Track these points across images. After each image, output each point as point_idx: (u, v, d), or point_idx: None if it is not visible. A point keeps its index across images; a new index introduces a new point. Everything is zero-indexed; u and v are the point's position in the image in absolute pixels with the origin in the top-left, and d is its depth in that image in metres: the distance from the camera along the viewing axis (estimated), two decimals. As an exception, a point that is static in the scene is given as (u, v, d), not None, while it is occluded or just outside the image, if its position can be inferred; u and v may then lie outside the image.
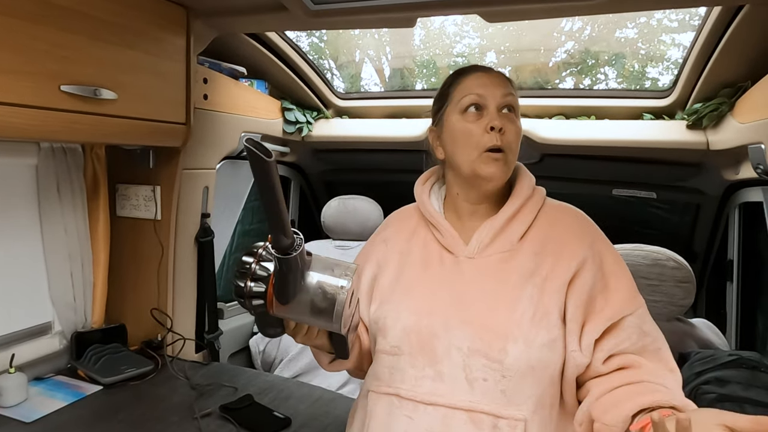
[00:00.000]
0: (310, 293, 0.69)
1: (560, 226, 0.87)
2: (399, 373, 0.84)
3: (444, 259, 0.89)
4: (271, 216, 0.61)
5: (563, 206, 0.92)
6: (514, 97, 0.88)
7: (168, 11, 1.27)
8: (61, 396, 1.27)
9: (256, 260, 0.69)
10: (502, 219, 0.87)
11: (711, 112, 1.57)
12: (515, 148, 0.87)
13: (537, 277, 0.82)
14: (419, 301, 0.86)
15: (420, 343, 0.83)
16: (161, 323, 1.53)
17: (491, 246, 0.86)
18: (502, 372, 0.78)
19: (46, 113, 1.00)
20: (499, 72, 0.90)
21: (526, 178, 0.91)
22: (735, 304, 1.85)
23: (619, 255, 0.87)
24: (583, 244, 0.84)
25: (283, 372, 1.98)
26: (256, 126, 1.84)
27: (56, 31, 1.01)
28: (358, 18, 1.27)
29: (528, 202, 0.88)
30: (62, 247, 1.41)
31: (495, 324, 0.80)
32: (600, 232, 0.89)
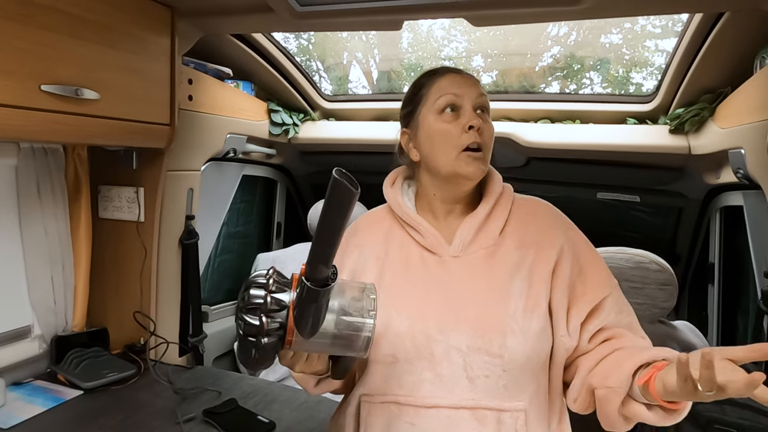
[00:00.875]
0: (334, 323, 0.65)
1: (535, 219, 0.90)
2: (395, 380, 0.83)
3: (426, 260, 0.88)
4: (322, 245, 0.59)
5: (532, 200, 0.94)
6: (485, 98, 0.90)
7: (152, 11, 1.26)
8: (40, 401, 1.24)
9: (267, 292, 0.63)
10: (481, 216, 0.88)
11: (692, 117, 1.59)
12: (491, 147, 0.89)
13: (523, 269, 0.84)
14: (409, 306, 0.84)
15: (416, 348, 0.82)
16: (144, 327, 1.51)
17: (474, 243, 0.87)
18: (503, 366, 0.79)
19: (26, 113, 0.99)
20: (469, 73, 0.92)
21: (495, 176, 0.93)
22: (716, 307, 1.87)
23: (588, 241, 0.90)
24: (559, 233, 0.88)
25: (268, 375, 1.97)
26: (241, 127, 1.83)
27: (37, 29, 0.99)
28: (344, 20, 1.27)
29: (501, 198, 0.90)
30: (42, 249, 1.38)
31: (492, 320, 0.81)
32: (569, 221, 0.92)
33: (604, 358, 0.79)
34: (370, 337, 0.66)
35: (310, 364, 0.74)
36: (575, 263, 0.86)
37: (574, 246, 0.87)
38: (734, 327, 1.83)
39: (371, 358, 0.86)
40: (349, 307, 0.66)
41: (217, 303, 2.18)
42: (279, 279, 0.66)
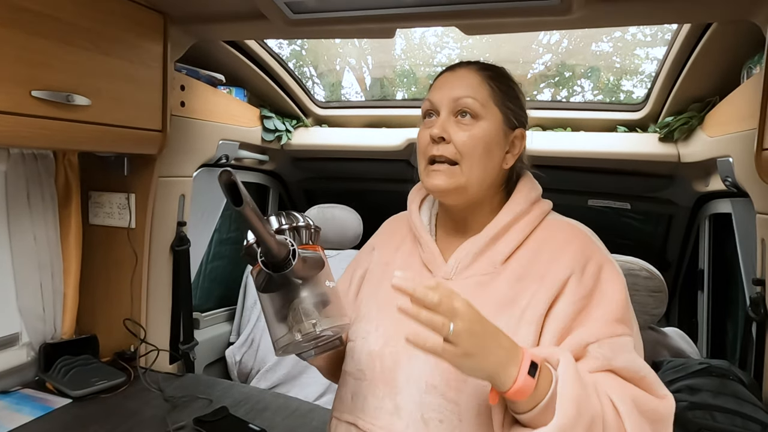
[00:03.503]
0: (285, 305, 0.68)
1: (550, 246, 0.76)
2: (360, 400, 0.79)
3: (422, 277, 0.82)
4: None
5: (561, 224, 0.80)
6: (472, 100, 0.78)
7: (145, 17, 1.26)
8: (27, 410, 1.23)
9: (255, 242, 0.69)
10: (485, 238, 0.78)
11: (681, 126, 1.61)
12: (472, 159, 0.77)
13: (515, 308, 0.73)
14: (389, 324, 0.80)
15: (383, 371, 0.77)
16: (134, 334, 1.49)
17: (471, 267, 0.78)
18: (459, 415, 0.71)
19: (16, 119, 0.98)
20: (468, 68, 0.81)
21: (524, 190, 0.82)
22: (706, 314, 1.89)
23: (618, 281, 0.73)
24: (572, 263, 0.73)
25: (259, 383, 1.95)
26: (234, 134, 1.82)
27: (27, 35, 0.98)
28: (337, 28, 1.27)
29: (521, 218, 0.79)
30: (31, 255, 1.37)
31: None
32: (603, 253, 0.76)
33: None
34: (279, 348, 0.69)
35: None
36: (581, 299, 0.71)
37: (589, 279, 0.72)
38: (724, 333, 1.84)
39: (346, 368, 0.84)
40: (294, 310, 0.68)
41: (209, 310, 2.17)
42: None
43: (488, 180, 0.80)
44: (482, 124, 0.78)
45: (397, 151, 1.98)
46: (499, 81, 0.81)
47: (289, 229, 0.70)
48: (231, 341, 2.16)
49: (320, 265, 0.70)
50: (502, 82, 0.81)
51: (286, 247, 0.64)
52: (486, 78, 0.80)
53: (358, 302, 0.89)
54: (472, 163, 0.77)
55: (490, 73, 0.81)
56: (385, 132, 2.04)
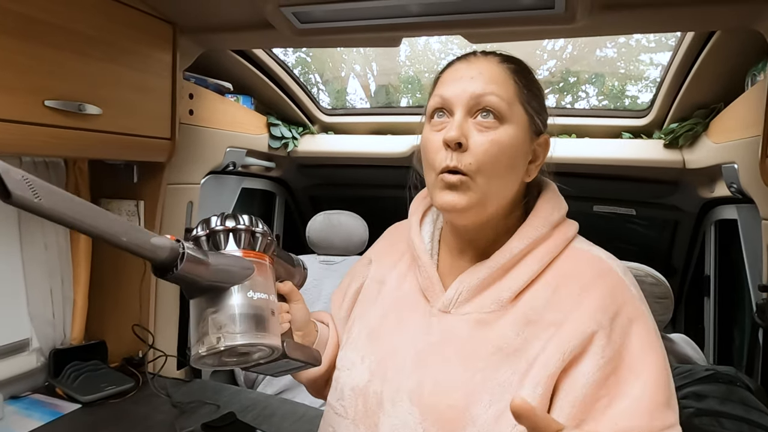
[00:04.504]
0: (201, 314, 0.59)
1: (573, 285, 0.61)
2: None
3: (417, 305, 0.70)
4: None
5: (591, 256, 0.65)
6: (497, 98, 0.62)
7: (155, 27, 1.28)
8: (38, 415, 1.24)
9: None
10: (491, 268, 0.64)
11: (686, 132, 1.62)
12: (491, 170, 0.62)
13: (520, 360, 0.59)
14: (377, 356, 0.69)
15: (365, 412, 0.67)
16: (143, 339, 1.51)
17: (473, 302, 0.65)
18: None
19: (29, 128, 1.00)
20: (489, 59, 0.66)
21: (545, 209, 0.67)
22: (712, 320, 1.88)
23: (655, 341, 0.59)
24: (599, 315, 0.58)
25: (266, 389, 1.96)
26: (241, 141, 1.84)
27: (41, 46, 1.00)
28: (344, 37, 1.29)
29: (538, 245, 0.64)
30: (42, 263, 1.38)
31: (445, 412, 0.60)
32: (637, 302, 0.61)
33: None
34: (191, 356, 0.59)
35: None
36: (609, 368, 0.56)
37: (621, 342, 0.57)
38: (730, 340, 1.84)
39: (329, 398, 0.75)
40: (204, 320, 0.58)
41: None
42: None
43: (509, 196, 0.66)
44: (507, 129, 0.63)
45: (403, 157, 1.99)
46: (524, 76, 0.66)
47: (224, 230, 0.62)
48: (237, 347, 2.17)
49: (247, 272, 0.60)
50: (527, 77, 0.66)
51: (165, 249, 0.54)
52: (511, 72, 0.65)
53: (349, 323, 0.79)
54: (491, 176, 0.62)
55: (515, 66, 0.66)
56: (390, 139, 2.06)
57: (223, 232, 0.62)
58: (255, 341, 0.58)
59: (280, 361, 0.67)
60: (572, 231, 0.68)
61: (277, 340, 0.61)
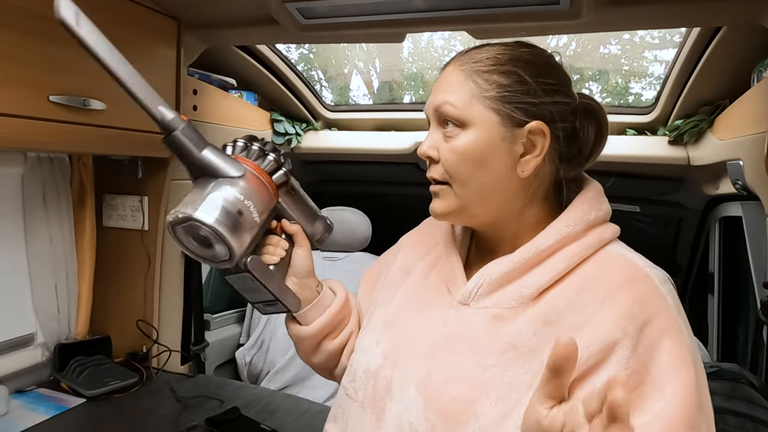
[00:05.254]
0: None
1: (600, 288, 0.58)
2: (349, 421, 0.70)
3: (438, 295, 0.69)
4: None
5: (625, 260, 0.61)
6: (451, 106, 0.62)
7: (159, 23, 1.28)
8: (43, 409, 1.25)
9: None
10: (515, 262, 0.62)
11: (691, 129, 1.61)
12: (464, 177, 0.62)
13: (534, 360, 0.57)
14: (392, 343, 0.69)
15: (374, 395, 0.67)
16: (147, 335, 1.51)
17: (493, 296, 0.63)
18: None
19: (34, 123, 1.00)
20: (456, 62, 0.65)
21: (581, 207, 0.64)
22: (716, 317, 1.88)
23: (687, 357, 0.54)
24: (625, 322, 0.55)
25: (269, 384, 1.97)
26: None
27: (45, 41, 1.01)
28: (348, 33, 1.29)
29: (569, 243, 0.62)
30: (47, 257, 1.39)
31: (449, 404, 0.59)
32: (670, 313, 0.57)
33: None
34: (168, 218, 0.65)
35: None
36: (633, 375, 0.53)
37: (643, 354, 0.54)
38: (734, 337, 1.83)
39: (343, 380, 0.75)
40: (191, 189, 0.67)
41: (219, 311, 2.18)
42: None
43: (498, 196, 0.64)
44: (469, 133, 0.62)
45: (406, 154, 1.99)
46: (493, 72, 0.62)
47: (242, 141, 0.75)
48: (241, 342, 2.18)
49: (227, 169, 0.67)
50: (497, 71, 0.62)
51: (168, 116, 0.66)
52: (471, 73, 0.63)
53: (371, 308, 0.80)
54: (464, 182, 0.63)
55: (480, 66, 0.63)
56: (393, 135, 2.05)
57: (243, 143, 0.74)
58: (215, 227, 0.61)
59: (246, 278, 0.70)
60: (609, 233, 0.65)
61: (237, 244, 0.63)
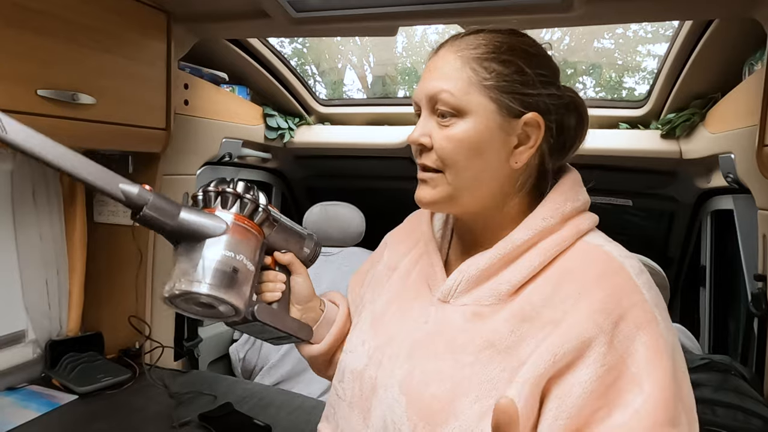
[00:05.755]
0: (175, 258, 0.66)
1: (575, 282, 0.57)
2: (340, 421, 0.71)
3: (420, 293, 0.69)
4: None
5: (601, 251, 0.60)
6: (448, 94, 0.60)
7: (149, 16, 1.27)
8: (34, 406, 1.24)
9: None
10: (492, 258, 0.62)
11: (683, 122, 1.62)
12: (459, 165, 0.61)
13: (512, 358, 0.57)
14: (376, 343, 0.69)
15: (361, 396, 0.67)
16: (139, 331, 1.50)
17: (471, 293, 0.63)
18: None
19: (21, 117, 0.98)
20: (449, 47, 0.63)
21: (557, 199, 0.63)
22: (708, 310, 1.89)
23: (664, 351, 0.54)
24: (599, 317, 0.54)
25: (263, 379, 1.96)
26: (237, 132, 1.83)
27: (32, 34, 0.99)
28: (340, 26, 1.28)
29: (545, 237, 0.61)
30: (37, 253, 1.38)
31: (429, 403, 0.58)
32: (646, 306, 0.55)
33: None
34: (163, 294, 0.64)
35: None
36: (611, 377, 0.52)
37: (619, 348, 0.53)
38: (726, 329, 1.85)
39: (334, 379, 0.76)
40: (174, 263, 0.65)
41: (212, 307, 2.18)
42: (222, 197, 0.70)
43: (489, 186, 0.63)
44: (467, 122, 0.61)
45: (399, 148, 1.98)
46: (492, 60, 0.61)
47: (214, 192, 0.69)
48: (234, 338, 2.17)
49: (208, 229, 0.65)
50: (496, 59, 0.61)
51: (133, 194, 0.64)
52: (469, 60, 0.61)
53: (360, 307, 0.80)
54: (458, 170, 0.61)
55: (478, 53, 0.61)
56: (386, 130, 2.05)
57: (213, 192, 0.69)
58: (214, 293, 0.61)
59: (256, 325, 0.70)
60: (586, 224, 0.63)
61: (240, 301, 0.64)
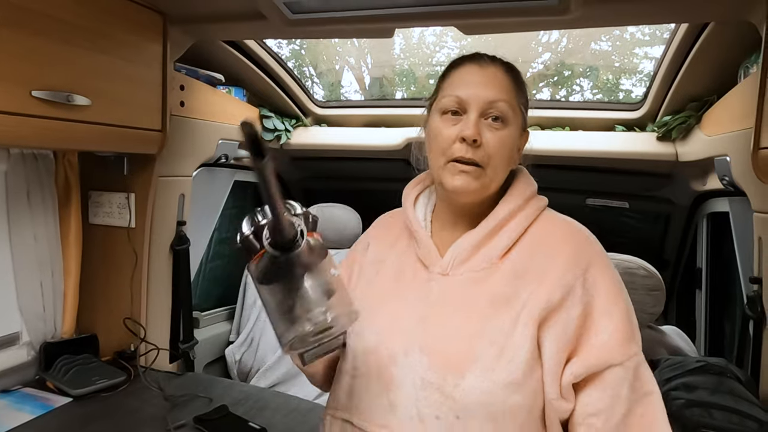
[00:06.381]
0: (280, 294, 0.63)
1: (547, 243, 0.76)
2: (356, 397, 0.78)
3: (417, 274, 0.80)
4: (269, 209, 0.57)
5: (561, 221, 0.80)
6: (506, 104, 0.76)
7: (144, 17, 1.26)
8: (28, 409, 1.23)
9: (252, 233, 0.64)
10: (481, 233, 0.77)
11: (679, 125, 1.62)
12: (498, 163, 0.76)
13: (511, 307, 0.72)
14: (384, 320, 0.79)
15: (378, 367, 0.76)
16: (134, 333, 1.50)
17: (467, 263, 0.77)
18: (456, 412, 0.69)
19: (16, 119, 0.98)
20: (496, 67, 0.78)
21: (520, 186, 0.81)
22: (703, 312, 1.90)
23: (618, 287, 0.74)
24: (574, 268, 0.72)
25: (259, 382, 1.96)
26: (233, 133, 1.82)
27: (27, 35, 0.99)
28: (336, 28, 1.28)
29: (517, 213, 0.78)
30: (32, 255, 1.37)
31: (452, 355, 0.71)
32: (601, 256, 0.76)
33: None
34: (284, 347, 0.63)
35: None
36: (587, 313, 0.71)
37: (593, 290, 0.72)
38: (721, 331, 1.85)
39: (340, 366, 0.83)
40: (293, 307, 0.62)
41: (208, 309, 2.17)
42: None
43: (503, 178, 0.81)
44: (510, 129, 0.77)
45: (396, 150, 1.98)
46: (520, 82, 0.81)
47: (303, 214, 0.67)
48: (231, 340, 2.17)
49: (325, 251, 0.66)
50: (521, 82, 0.81)
51: (293, 226, 0.60)
52: (512, 80, 0.79)
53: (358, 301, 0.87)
54: (497, 166, 0.77)
55: (514, 74, 0.81)
56: (384, 131, 2.05)
57: (302, 215, 0.66)
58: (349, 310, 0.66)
59: (338, 335, 0.70)
60: (543, 203, 0.82)
61: (356, 308, 0.68)
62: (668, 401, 1.17)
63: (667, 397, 1.17)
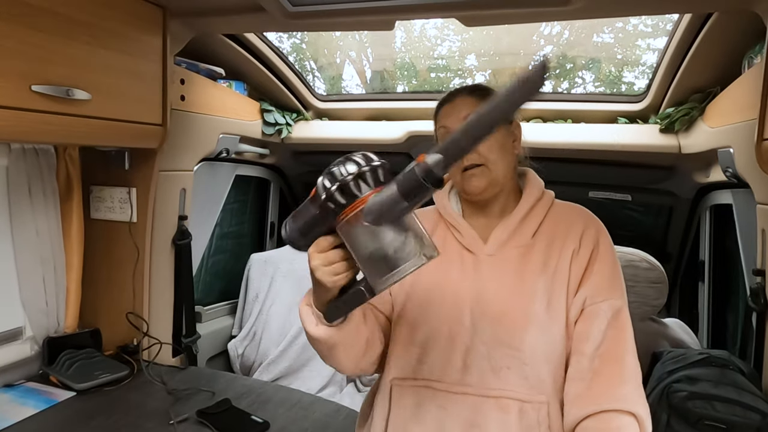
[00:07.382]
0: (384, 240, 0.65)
1: (564, 219, 0.97)
2: (427, 365, 0.91)
3: (464, 258, 0.95)
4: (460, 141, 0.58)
5: (570, 205, 1.01)
6: None
7: (144, 11, 1.26)
8: (32, 403, 1.24)
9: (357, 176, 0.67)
10: (516, 219, 0.95)
11: (682, 117, 1.61)
12: (495, 156, 0.93)
13: (549, 270, 0.91)
14: (446, 297, 0.92)
15: (450, 336, 0.90)
16: (137, 327, 1.50)
17: (508, 243, 0.94)
18: (523, 360, 0.86)
19: (16, 114, 0.98)
20: (461, 95, 0.97)
21: (534, 182, 1.01)
22: (706, 304, 1.89)
23: (612, 251, 0.94)
24: (582, 230, 0.94)
25: (262, 375, 1.97)
26: (234, 127, 1.82)
27: (27, 29, 0.99)
28: (336, 20, 1.27)
29: (538, 203, 0.97)
30: (34, 250, 1.37)
31: (515, 315, 0.88)
32: (602, 227, 0.97)
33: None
34: (391, 282, 0.66)
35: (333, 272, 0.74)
36: (591, 257, 0.91)
37: (595, 243, 0.93)
38: (724, 324, 1.85)
39: (408, 341, 0.93)
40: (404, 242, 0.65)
41: (211, 303, 2.18)
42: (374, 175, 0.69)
43: (510, 167, 0.97)
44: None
45: (398, 144, 1.98)
46: (487, 93, 0.96)
47: (370, 169, 0.69)
48: (233, 334, 2.18)
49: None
50: (488, 93, 0.96)
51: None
52: (478, 96, 0.96)
53: (403, 285, 0.96)
54: (496, 160, 0.93)
55: (480, 92, 0.97)
56: (385, 125, 2.04)
57: (380, 167, 0.70)
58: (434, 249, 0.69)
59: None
60: (552, 194, 1.01)
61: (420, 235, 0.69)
62: (671, 393, 1.17)
63: (670, 389, 1.17)
